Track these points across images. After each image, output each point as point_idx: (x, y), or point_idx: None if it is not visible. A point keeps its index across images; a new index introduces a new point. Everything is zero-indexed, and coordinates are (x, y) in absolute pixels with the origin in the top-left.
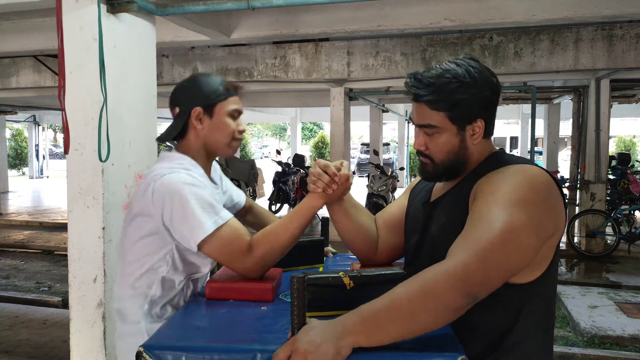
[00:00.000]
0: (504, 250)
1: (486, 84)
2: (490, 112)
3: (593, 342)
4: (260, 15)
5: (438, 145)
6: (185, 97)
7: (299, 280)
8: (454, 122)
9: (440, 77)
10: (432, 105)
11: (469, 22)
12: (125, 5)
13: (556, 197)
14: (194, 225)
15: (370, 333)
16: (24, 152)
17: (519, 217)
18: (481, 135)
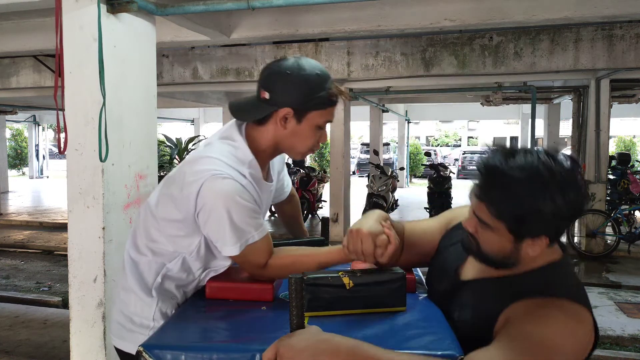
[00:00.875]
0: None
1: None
2: (560, 229)
3: None
4: (260, 15)
5: (488, 241)
6: (282, 88)
7: (297, 281)
8: (511, 233)
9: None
10: (494, 212)
11: (469, 22)
12: (125, 5)
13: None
14: (224, 241)
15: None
16: (24, 152)
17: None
18: (542, 249)
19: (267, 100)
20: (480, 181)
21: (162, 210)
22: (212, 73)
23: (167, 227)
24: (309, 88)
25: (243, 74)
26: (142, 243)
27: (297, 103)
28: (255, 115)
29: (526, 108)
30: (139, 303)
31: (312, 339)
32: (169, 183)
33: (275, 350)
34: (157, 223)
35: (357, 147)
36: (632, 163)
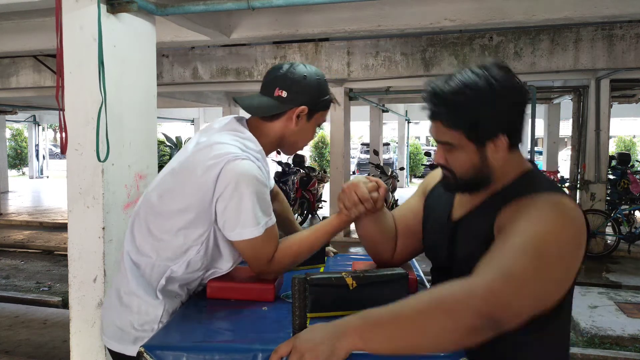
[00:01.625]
0: (531, 279)
1: (510, 96)
2: (516, 124)
3: (593, 342)
4: (260, 15)
5: (458, 161)
6: (300, 88)
7: (300, 281)
8: (472, 140)
9: (457, 94)
10: (449, 124)
11: (469, 22)
12: (125, 5)
13: (583, 232)
14: (243, 223)
15: (368, 338)
16: (24, 152)
17: (550, 253)
18: (505, 150)
19: (283, 99)
20: (429, 105)
21: (169, 203)
22: (212, 73)
23: (174, 220)
24: (321, 90)
25: (243, 74)
26: (145, 244)
27: (313, 103)
28: (272, 111)
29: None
30: (143, 306)
31: (327, 329)
32: (176, 174)
33: (290, 348)
34: (163, 218)
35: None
36: (632, 163)
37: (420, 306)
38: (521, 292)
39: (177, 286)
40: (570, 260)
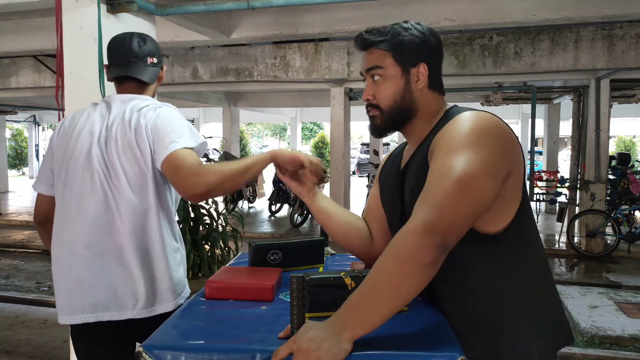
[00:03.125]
0: (460, 198)
1: (431, 34)
2: (434, 61)
3: (593, 342)
4: (260, 15)
5: (384, 90)
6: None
7: (299, 280)
8: (398, 63)
9: (386, 26)
10: (379, 45)
11: (469, 22)
12: (125, 5)
13: (508, 137)
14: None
15: (365, 322)
16: (24, 152)
17: (471, 163)
18: (425, 81)
19: (155, 64)
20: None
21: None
22: (212, 73)
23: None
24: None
25: (243, 74)
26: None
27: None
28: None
29: (526, 108)
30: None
31: (324, 327)
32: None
33: (290, 349)
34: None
35: (357, 147)
36: (632, 163)
37: (388, 270)
38: (453, 215)
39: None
40: (494, 160)
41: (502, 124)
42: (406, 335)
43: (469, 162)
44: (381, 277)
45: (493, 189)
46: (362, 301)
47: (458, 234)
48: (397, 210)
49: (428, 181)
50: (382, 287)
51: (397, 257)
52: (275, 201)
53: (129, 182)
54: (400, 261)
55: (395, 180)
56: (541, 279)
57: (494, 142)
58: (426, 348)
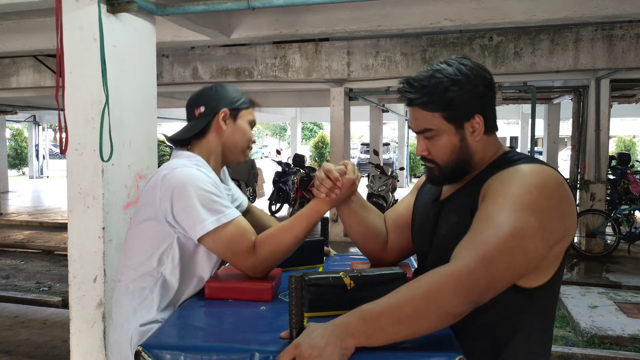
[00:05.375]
0: (510, 257)
1: (479, 79)
2: (488, 107)
3: (593, 342)
4: (260, 15)
5: (439, 147)
6: (213, 98)
7: (297, 280)
8: (450, 122)
9: (431, 79)
10: (426, 107)
11: (469, 22)
12: (125, 5)
13: (568, 201)
14: (195, 220)
15: (371, 335)
16: (24, 152)
17: (528, 222)
18: (481, 131)
19: (203, 113)
20: (406, 94)
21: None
22: (212, 73)
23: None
24: (233, 93)
25: (243, 74)
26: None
27: (229, 104)
28: (198, 127)
29: (526, 108)
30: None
31: (327, 330)
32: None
33: (293, 354)
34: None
35: (357, 147)
36: (632, 163)
37: (412, 299)
38: (498, 273)
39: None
40: (549, 232)
41: (565, 185)
42: None
43: (527, 222)
44: (406, 303)
45: (544, 253)
46: (376, 316)
47: (496, 292)
48: (425, 238)
49: (479, 226)
50: (402, 313)
51: (429, 294)
52: (275, 201)
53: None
54: (430, 299)
55: (431, 208)
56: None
57: (554, 205)
58: (425, 347)
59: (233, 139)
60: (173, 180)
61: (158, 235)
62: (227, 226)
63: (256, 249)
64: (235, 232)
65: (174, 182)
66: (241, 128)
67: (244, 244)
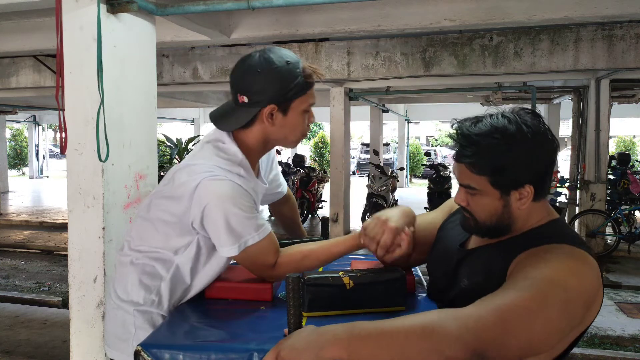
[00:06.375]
0: (528, 318)
1: (540, 147)
2: (542, 176)
3: (593, 342)
4: (260, 15)
5: (480, 206)
6: (260, 88)
7: (294, 280)
8: (496, 188)
9: (486, 137)
10: (474, 169)
11: (469, 22)
12: (125, 5)
13: (598, 290)
14: (222, 242)
15: (353, 351)
16: (24, 152)
17: (555, 294)
18: (529, 200)
19: (247, 104)
20: (456, 146)
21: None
22: (212, 73)
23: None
24: (284, 79)
25: None
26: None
27: (278, 97)
28: (241, 122)
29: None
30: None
31: (311, 335)
32: (161, 187)
33: (275, 355)
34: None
35: (357, 147)
36: (632, 163)
37: (409, 328)
38: (512, 331)
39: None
40: (573, 311)
41: (599, 275)
42: None
43: (554, 293)
44: (400, 331)
45: (563, 330)
46: (365, 334)
47: (505, 351)
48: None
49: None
50: (392, 339)
51: (428, 331)
52: None
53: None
54: (427, 335)
55: (456, 251)
56: None
57: (585, 290)
58: None
59: (282, 134)
60: (209, 194)
61: (179, 230)
62: (252, 247)
63: (276, 268)
64: (260, 251)
65: (210, 197)
66: (292, 122)
67: (266, 263)
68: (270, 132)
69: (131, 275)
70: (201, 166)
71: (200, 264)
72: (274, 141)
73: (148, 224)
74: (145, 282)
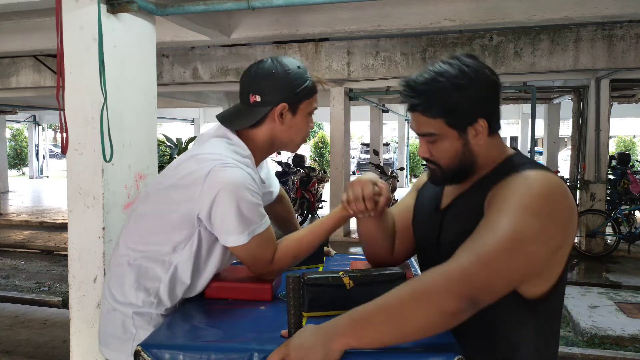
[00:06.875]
0: (508, 257)
1: (483, 82)
2: (492, 110)
3: (593, 342)
4: (260, 15)
5: (441, 151)
6: (272, 88)
7: (295, 280)
8: (452, 127)
9: (432, 82)
10: (428, 113)
11: (469, 22)
12: (125, 5)
13: (570, 209)
14: (230, 230)
15: (360, 335)
16: (24, 152)
17: (528, 226)
18: (485, 134)
19: (259, 103)
20: (406, 100)
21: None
22: (212, 73)
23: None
24: (295, 81)
25: None
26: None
27: (290, 97)
28: (252, 120)
29: (526, 108)
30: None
31: (317, 332)
32: (162, 179)
33: (282, 354)
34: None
35: (357, 147)
36: (632, 163)
37: (404, 297)
38: (495, 272)
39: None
40: (550, 237)
41: (567, 192)
42: None
43: (528, 225)
44: (395, 301)
45: (544, 257)
46: (365, 316)
47: (494, 294)
48: (431, 247)
49: (480, 231)
50: (390, 312)
51: (418, 291)
52: None
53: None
54: (420, 296)
55: (433, 215)
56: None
57: (557, 212)
58: (424, 347)
59: (288, 135)
60: (221, 180)
61: (180, 222)
62: (258, 237)
63: (274, 262)
64: (262, 243)
65: (222, 183)
66: (299, 124)
67: (266, 255)
68: (278, 132)
69: (128, 277)
70: (211, 155)
71: (200, 262)
72: (280, 142)
73: (146, 219)
74: (143, 284)
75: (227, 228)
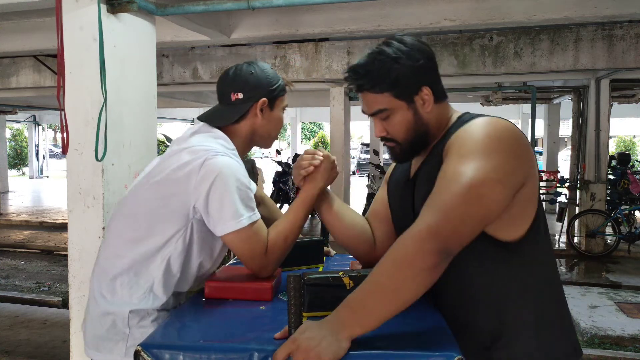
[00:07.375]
0: (466, 204)
1: (419, 53)
2: (433, 78)
3: (593, 342)
4: (260, 15)
5: (395, 125)
6: (252, 85)
7: (296, 279)
8: (400, 99)
9: (374, 62)
10: (375, 89)
11: (469, 22)
12: (125, 5)
13: (523, 144)
14: (230, 215)
15: (363, 322)
16: (24, 152)
17: (481, 169)
18: (431, 101)
19: (240, 100)
20: (353, 82)
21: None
22: (212, 73)
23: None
24: (272, 79)
25: None
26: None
27: (269, 92)
28: (235, 115)
29: (526, 108)
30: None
31: (323, 326)
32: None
33: (290, 349)
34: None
35: (357, 147)
36: (632, 163)
37: (389, 270)
38: (458, 221)
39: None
40: (507, 169)
41: (517, 130)
42: (404, 334)
43: (479, 168)
44: (382, 278)
45: (503, 196)
46: (361, 301)
47: (462, 240)
48: (408, 218)
49: (436, 186)
50: (382, 289)
51: (397, 261)
52: (275, 201)
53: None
54: (400, 265)
55: (405, 188)
56: (550, 286)
57: (508, 149)
58: (424, 347)
59: (267, 129)
60: (216, 167)
61: (173, 215)
62: (253, 225)
63: (268, 253)
64: (257, 231)
65: (218, 170)
66: (276, 117)
67: (261, 245)
68: (259, 126)
69: (120, 276)
70: (202, 146)
71: (192, 255)
72: (259, 136)
73: (137, 217)
74: (137, 281)
75: (225, 214)
